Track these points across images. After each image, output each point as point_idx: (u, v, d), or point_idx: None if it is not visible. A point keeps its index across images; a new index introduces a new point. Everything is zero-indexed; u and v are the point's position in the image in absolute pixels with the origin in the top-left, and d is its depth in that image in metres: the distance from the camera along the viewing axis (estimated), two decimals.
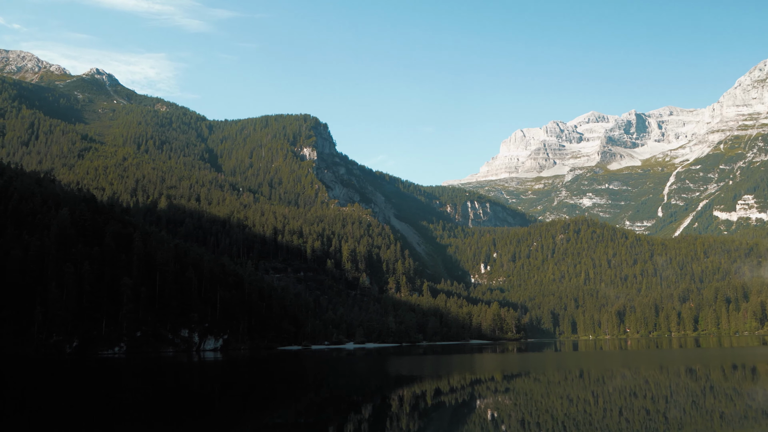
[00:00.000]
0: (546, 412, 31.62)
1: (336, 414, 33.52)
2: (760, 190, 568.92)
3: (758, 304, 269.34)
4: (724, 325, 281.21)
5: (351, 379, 57.63)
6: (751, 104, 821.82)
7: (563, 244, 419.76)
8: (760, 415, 28.85)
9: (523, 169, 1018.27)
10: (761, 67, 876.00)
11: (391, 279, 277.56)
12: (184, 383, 53.82)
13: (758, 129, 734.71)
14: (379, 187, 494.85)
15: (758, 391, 36.76)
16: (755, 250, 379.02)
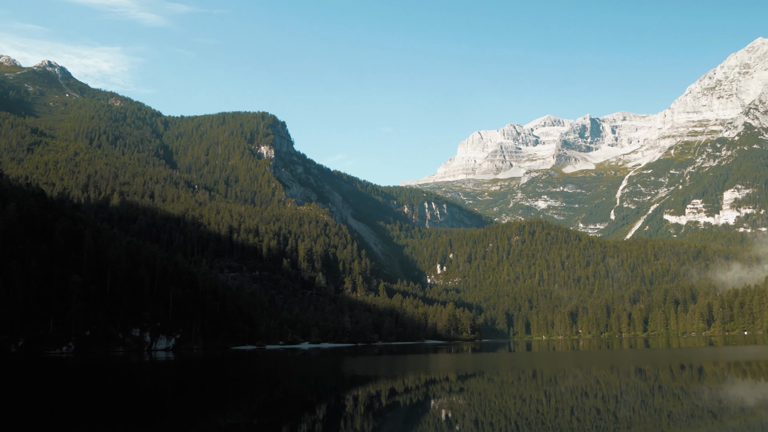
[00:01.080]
0: (499, 412, 31.75)
1: (290, 414, 33.13)
2: (709, 195, 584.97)
3: (705, 306, 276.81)
4: (672, 326, 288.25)
5: (305, 379, 57.19)
6: (701, 111, 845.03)
7: (518, 246, 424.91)
8: (706, 413, 29.45)
9: (480, 171, 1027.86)
10: (711, 75, 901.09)
11: (347, 279, 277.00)
12: (134, 383, 52.66)
13: (707, 135, 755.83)
14: (336, 187, 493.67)
15: (704, 391, 37.58)
16: (703, 253, 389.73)
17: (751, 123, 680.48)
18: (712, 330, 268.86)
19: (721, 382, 42.99)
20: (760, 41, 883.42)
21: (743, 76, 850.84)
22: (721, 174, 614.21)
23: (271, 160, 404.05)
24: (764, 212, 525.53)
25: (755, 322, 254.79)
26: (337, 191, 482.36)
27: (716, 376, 48.57)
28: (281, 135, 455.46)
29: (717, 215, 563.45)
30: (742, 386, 39.96)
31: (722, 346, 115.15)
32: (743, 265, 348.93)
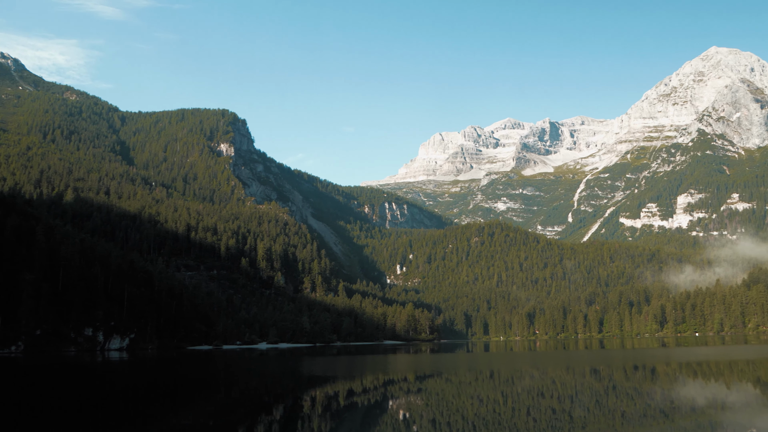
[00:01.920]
0: (457, 412, 31.77)
1: (246, 415, 32.64)
2: (663, 199, 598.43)
3: (658, 308, 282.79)
4: (627, 327, 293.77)
5: (263, 379, 56.55)
6: (657, 117, 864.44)
7: (478, 247, 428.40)
8: (658, 413, 29.88)
9: (440, 172, 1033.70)
10: (666, 82, 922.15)
11: (306, 279, 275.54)
12: (85, 384, 51.37)
13: (662, 141, 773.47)
14: (297, 186, 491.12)
15: (657, 391, 38.19)
16: (657, 256, 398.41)
17: (704, 129, 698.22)
18: (664, 331, 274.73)
19: (673, 383, 43.78)
20: (714, 50, 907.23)
21: (697, 83, 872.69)
22: (676, 179, 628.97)
23: (230, 158, 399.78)
24: (716, 217, 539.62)
25: (706, 324, 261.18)
26: (298, 190, 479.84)
27: (668, 376, 49.47)
28: (241, 133, 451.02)
29: (671, 219, 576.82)
30: (692, 386, 40.74)
31: (674, 347, 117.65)
32: (695, 268, 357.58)
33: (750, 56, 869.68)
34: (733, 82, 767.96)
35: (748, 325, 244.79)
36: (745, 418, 27.74)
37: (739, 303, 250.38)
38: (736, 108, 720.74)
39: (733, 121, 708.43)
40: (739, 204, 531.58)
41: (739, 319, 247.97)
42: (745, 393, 36.38)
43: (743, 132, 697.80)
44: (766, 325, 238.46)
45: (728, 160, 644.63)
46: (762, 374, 48.46)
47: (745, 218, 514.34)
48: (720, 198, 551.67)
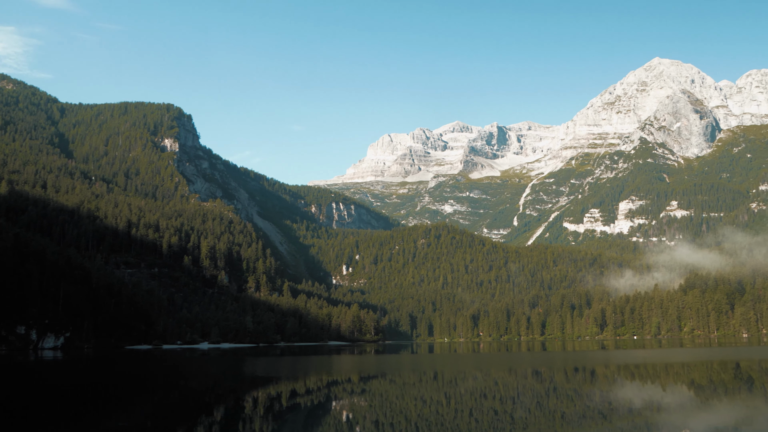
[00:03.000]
0: (400, 413, 31.65)
1: (186, 416, 31.86)
2: (605, 205, 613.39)
3: (599, 311, 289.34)
4: (568, 329, 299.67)
5: (203, 380, 55.42)
6: (601, 125, 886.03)
7: (424, 249, 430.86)
8: (597, 414, 30.32)
9: (389, 174, 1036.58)
10: (611, 90, 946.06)
11: (251, 278, 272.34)
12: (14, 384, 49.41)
13: (606, 148, 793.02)
14: (243, 184, 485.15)
15: (596, 392, 38.80)
16: (599, 260, 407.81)
17: (646, 138, 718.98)
18: (604, 334, 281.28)
19: (611, 385, 44.59)
20: (657, 61, 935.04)
21: (641, 93, 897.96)
22: (618, 185, 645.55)
23: (175, 154, 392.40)
24: (655, 223, 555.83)
25: (644, 327, 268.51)
26: (244, 188, 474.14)
27: (607, 378, 50.39)
28: (187, 128, 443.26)
29: (613, 224, 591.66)
30: (630, 388, 41.54)
31: (613, 349, 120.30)
32: (635, 272, 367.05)
33: (691, 68, 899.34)
34: (674, 93, 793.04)
35: (684, 329, 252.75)
36: (679, 419, 28.36)
37: (675, 307, 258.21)
38: (677, 118, 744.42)
39: (674, 130, 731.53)
40: (677, 211, 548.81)
41: (676, 323, 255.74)
42: (680, 395, 37.27)
43: (683, 141, 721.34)
44: (701, 329, 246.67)
45: (668, 169, 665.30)
46: (696, 377, 49.83)
47: (683, 225, 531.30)
48: (660, 205, 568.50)
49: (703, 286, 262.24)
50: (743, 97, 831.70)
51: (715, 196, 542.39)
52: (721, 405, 32.46)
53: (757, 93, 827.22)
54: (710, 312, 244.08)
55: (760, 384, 41.61)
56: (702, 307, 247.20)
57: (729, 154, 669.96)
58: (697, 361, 69.45)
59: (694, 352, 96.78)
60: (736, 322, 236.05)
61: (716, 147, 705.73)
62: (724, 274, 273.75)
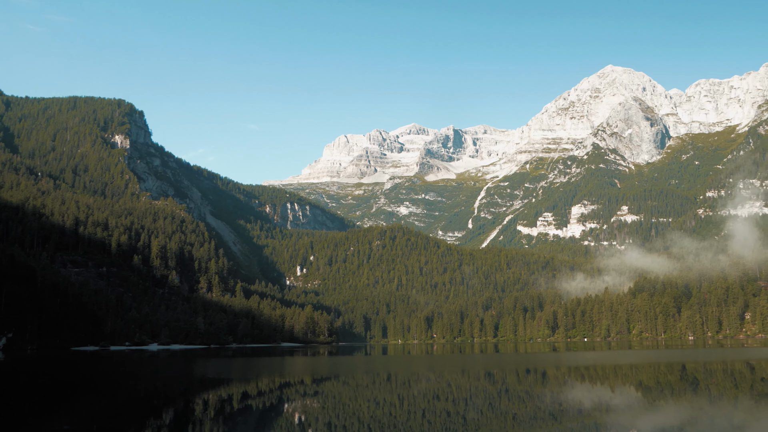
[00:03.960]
0: (353, 415, 31.51)
1: (133, 419, 31.10)
2: (558, 209, 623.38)
3: (551, 314, 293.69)
4: (521, 332, 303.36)
5: (152, 382, 54.29)
6: (555, 130, 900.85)
7: (379, 250, 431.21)
8: (547, 415, 30.63)
9: (344, 174, 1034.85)
10: (565, 96, 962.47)
11: (202, 278, 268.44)
12: None
13: (560, 153, 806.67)
14: (196, 182, 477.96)
15: (546, 394, 39.23)
16: (551, 263, 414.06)
17: (598, 144, 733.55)
18: (556, 336, 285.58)
19: (562, 386, 45.15)
20: (610, 68, 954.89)
21: (594, 99, 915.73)
22: (571, 190, 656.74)
23: (125, 151, 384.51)
24: (606, 227, 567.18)
25: (594, 330, 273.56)
26: (197, 187, 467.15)
27: (558, 380, 51.03)
28: (138, 125, 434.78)
29: (565, 228, 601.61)
30: (580, 389, 42.12)
31: (564, 351, 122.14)
32: (586, 275, 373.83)
33: (642, 76, 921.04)
34: (626, 100, 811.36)
35: (633, 331, 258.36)
36: (627, 420, 28.82)
37: (624, 310, 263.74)
38: (629, 125, 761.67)
39: (626, 137, 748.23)
40: (628, 216, 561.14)
41: (625, 326, 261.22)
42: (628, 396, 37.92)
43: (634, 148, 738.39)
44: (648, 332, 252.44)
45: (619, 174, 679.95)
46: (643, 378, 50.82)
47: (633, 230, 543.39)
48: (611, 210, 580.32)
49: (651, 290, 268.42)
50: (692, 106, 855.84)
51: (664, 202, 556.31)
52: (667, 406, 33.11)
53: (706, 102, 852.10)
54: (658, 315, 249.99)
55: (705, 385, 42.64)
56: (650, 310, 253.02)
57: (678, 161, 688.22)
58: (644, 363, 70.90)
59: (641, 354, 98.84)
60: (683, 324, 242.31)
61: (666, 154, 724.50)
62: (671, 278, 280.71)
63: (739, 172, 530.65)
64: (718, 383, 43.97)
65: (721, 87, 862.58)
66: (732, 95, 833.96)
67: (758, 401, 33.75)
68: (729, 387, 40.87)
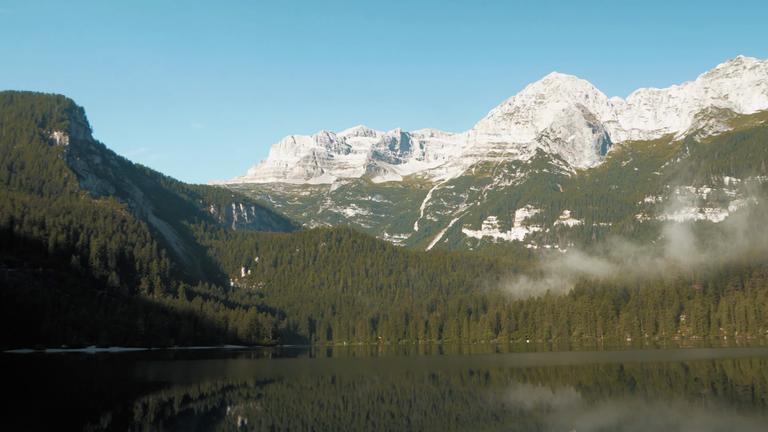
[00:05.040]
0: (297, 418, 31.26)
1: (69, 424, 30.15)
2: (503, 213, 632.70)
3: (494, 316, 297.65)
4: (465, 333, 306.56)
5: (89, 385, 52.76)
6: (500, 134, 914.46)
7: (325, 252, 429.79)
8: (490, 416, 30.95)
9: (291, 175, 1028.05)
10: (511, 101, 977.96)
11: (143, 279, 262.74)
12: None
13: (505, 157, 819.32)
14: (138, 181, 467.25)
15: (489, 395, 39.63)
16: (495, 266, 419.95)
17: (542, 149, 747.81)
18: (499, 338, 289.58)
19: (504, 387, 45.72)
20: (555, 75, 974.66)
21: (538, 105, 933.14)
22: (515, 194, 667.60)
23: (64, 148, 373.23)
24: (549, 231, 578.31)
25: (536, 332, 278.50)
26: (139, 186, 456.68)
27: (500, 381, 51.66)
28: (78, 121, 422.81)
29: (509, 231, 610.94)
30: (522, 390, 42.73)
31: (507, 353, 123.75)
32: (529, 278, 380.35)
33: (585, 83, 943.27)
34: (569, 107, 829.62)
35: (573, 333, 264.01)
36: (567, 420, 29.35)
37: (566, 312, 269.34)
38: (571, 131, 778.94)
39: (568, 142, 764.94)
40: (570, 220, 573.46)
41: (566, 327, 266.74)
42: (568, 396, 38.63)
43: (576, 153, 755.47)
44: (588, 333, 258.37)
45: (562, 179, 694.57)
46: (583, 379, 51.88)
47: (575, 234, 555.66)
48: (553, 214, 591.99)
49: (591, 292, 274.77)
50: (632, 114, 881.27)
51: (605, 207, 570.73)
52: (605, 406, 33.86)
53: (645, 110, 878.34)
54: (597, 317, 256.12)
55: (642, 386, 43.78)
56: (590, 312, 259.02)
57: (618, 167, 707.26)
58: (584, 364, 72.38)
59: (581, 355, 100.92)
60: (621, 326, 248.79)
61: (607, 160, 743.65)
62: (611, 281, 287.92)
63: (675, 179, 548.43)
64: (654, 383, 45.21)
65: (659, 96, 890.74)
66: (670, 104, 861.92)
67: (692, 401, 34.84)
68: (664, 387, 42.06)
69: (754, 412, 30.26)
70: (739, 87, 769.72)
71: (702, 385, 43.06)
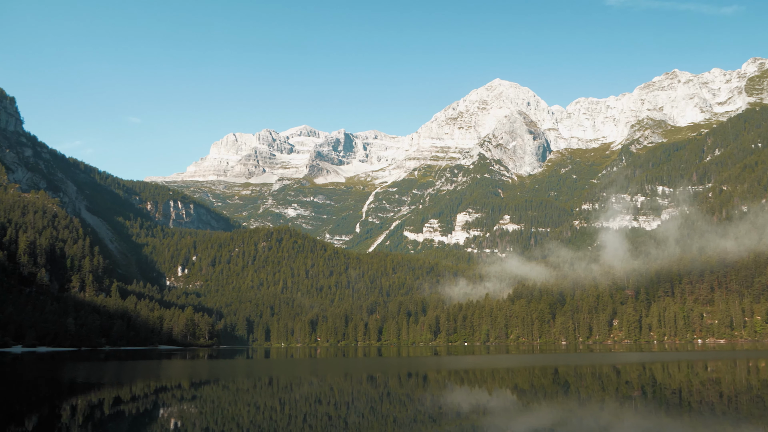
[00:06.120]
0: (232, 420, 30.78)
1: None
2: (444, 216, 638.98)
3: (433, 318, 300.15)
4: (404, 336, 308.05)
5: (14, 387, 50.76)
6: (444, 138, 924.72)
7: (265, 252, 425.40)
8: (427, 418, 31.11)
9: (232, 174, 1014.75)
10: (454, 106, 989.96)
11: (75, 277, 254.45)
12: None
13: (447, 161, 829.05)
14: (71, 176, 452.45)
15: (427, 397, 39.86)
16: (435, 269, 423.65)
17: (484, 154, 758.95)
18: (438, 340, 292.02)
19: (442, 389, 46.06)
20: (498, 82, 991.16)
21: (481, 111, 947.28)
22: (456, 198, 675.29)
23: None
24: (489, 235, 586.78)
25: (474, 334, 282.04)
26: (72, 180, 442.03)
27: (438, 383, 52.03)
28: (9, 112, 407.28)
29: (450, 235, 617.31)
30: (459, 393, 43.10)
31: (445, 355, 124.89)
32: (469, 281, 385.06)
33: (527, 91, 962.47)
34: (512, 113, 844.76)
35: (511, 336, 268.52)
36: (503, 422, 29.71)
37: (503, 316, 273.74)
38: (513, 137, 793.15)
39: (510, 148, 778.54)
40: (509, 225, 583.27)
41: (503, 331, 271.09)
42: (504, 398, 39.15)
43: (517, 159, 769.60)
44: (525, 336, 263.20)
45: (503, 184, 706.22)
46: (519, 381, 52.70)
47: (514, 238, 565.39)
48: (494, 218, 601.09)
49: (529, 297, 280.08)
50: (572, 122, 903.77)
51: (543, 213, 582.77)
52: (540, 408, 34.44)
53: (584, 119, 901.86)
54: (534, 321, 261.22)
55: (575, 388, 44.72)
56: (527, 316, 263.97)
57: (557, 174, 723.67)
58: (520, 367, 73.60)
59: (518, 358, 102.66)
60: (557, 330, 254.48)
61: (546, 167, 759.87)
62: (548, 286, 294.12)
63: (612, 187, 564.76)
64: (587, 386, 46.24)
65: (598, 106, 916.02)
66: (608, 114, 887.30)
67: (623, 403, 35.73)
68: (597, 389, 43.06)
69: (681, 415, 31.24)
70: (673, 100, 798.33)
71: (632, 388, 44.25)
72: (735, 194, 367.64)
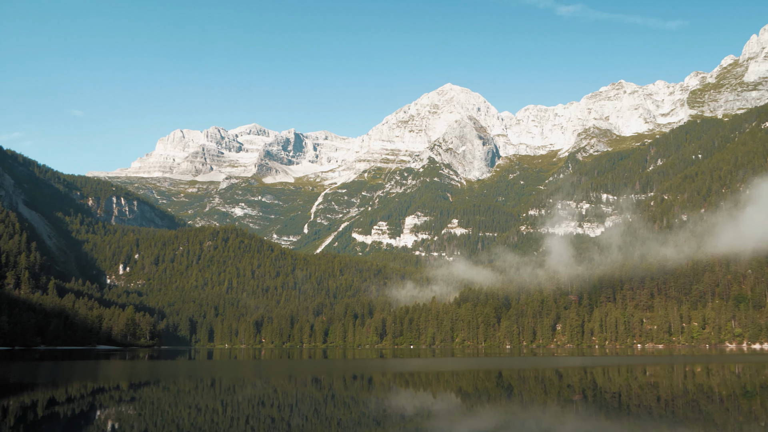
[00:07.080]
0: (172, 422, 30.10)
1: None
2: (393, 219, 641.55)
3: (380, 321, 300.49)
4: (350, 338, 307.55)
5: None
6: (394, 141, 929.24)
7: (210, 251, 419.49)
8: (371, 421, 30.98)
9: (178, 171, 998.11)
10: (406, 110, 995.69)
11: (10, 273, 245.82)
12: None
13: (397, 164, 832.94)
14: (8, 168, 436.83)
15: (372, 400, 39.73)
16: (383, 271, 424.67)
17: (434, 158, 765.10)
18: (384, 343, 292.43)
19: (387, 392, 45.98)
20: (449, 86, 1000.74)
21: (432, 115, 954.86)
22: (406, 201, 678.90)
23: None
24: (437, 239, 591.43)
25: (420, 337, 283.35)
26: (9, 173, 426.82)
27: (383, 386, 51.94)
28: None
29: (398, 238, 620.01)
30: (404, 395, 43.10)
31: (391, 358, 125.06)
32: (416, 284, 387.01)
33: (478, 97, 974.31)
34: (462, 118, 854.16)
35: (456, 339, 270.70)
36: (446, 425, 29.76)
37: (450, 319, 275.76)
38: (463, 142, 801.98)
39: (459, 153, 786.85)
40: (457, 229, 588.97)
41: (449, 334, 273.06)
42: (449, 401, 39.29)
43: (467, 164, 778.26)
44: (471, 340, 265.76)
45: (452, 189, 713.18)
46: (463, 384, 53.03)
47: (462, 242, 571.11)
48: (442, 222, 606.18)
49: (475, 300, 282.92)
50: (521, 129, 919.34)
51: (491, 217, 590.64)
52: (484, 411, 34.67)
53: (533, 126, 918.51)
54: (480, 324, 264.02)
55: (518, 391, 45.22)
56: (473, 319, 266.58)
57: (505, 179, 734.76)
58: (465, 370, 74.13)
59: (463, 361, 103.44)
60: (502, 334, 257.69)
61: (495, 172, 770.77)
62: (494, 290, 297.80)
63: (558, 194, 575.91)
64: (529, 389, 46.80)
65: (547, 113, 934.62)
66: (556, 122, 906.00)
67: (564, 406, 36.25)
68: (539, 393, 43.62)
69: (620, 418, 31.86)
70: (619, 110, 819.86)
71: (574, 391, 44.98)
72: (676, 203, 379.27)
